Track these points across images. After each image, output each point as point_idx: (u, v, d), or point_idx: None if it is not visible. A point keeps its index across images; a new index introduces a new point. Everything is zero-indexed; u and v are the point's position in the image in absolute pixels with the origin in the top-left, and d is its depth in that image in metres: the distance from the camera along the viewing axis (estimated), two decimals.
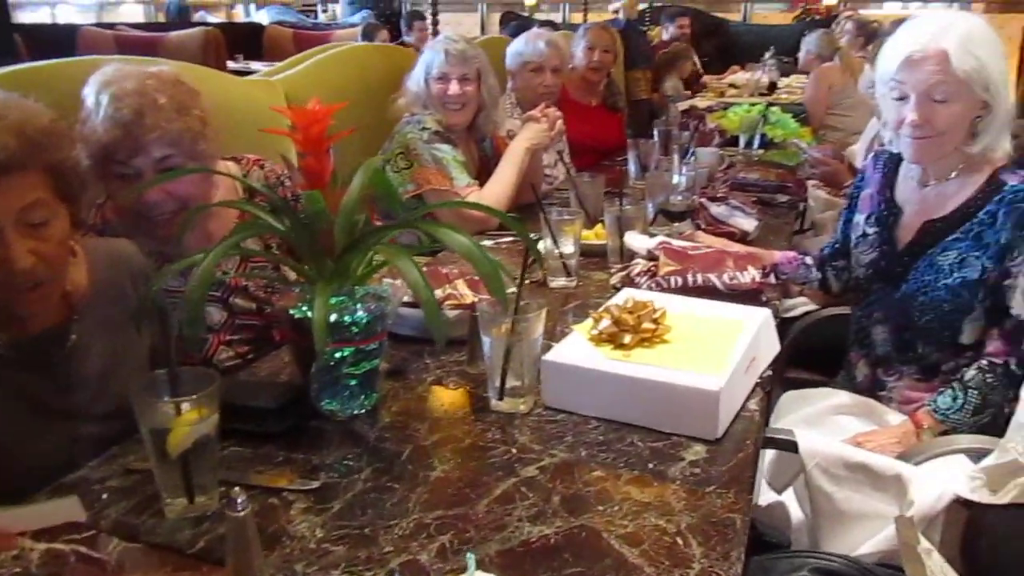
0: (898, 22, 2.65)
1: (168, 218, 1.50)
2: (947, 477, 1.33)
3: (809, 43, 4.91)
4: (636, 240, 1.76)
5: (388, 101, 2.41)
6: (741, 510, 1.01)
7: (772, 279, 1.67)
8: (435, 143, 2.27)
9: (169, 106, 1.45)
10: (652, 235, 1.89)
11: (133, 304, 1.33)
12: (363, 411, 1.25)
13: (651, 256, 1.71)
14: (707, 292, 1.62)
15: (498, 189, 2.30)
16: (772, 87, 5.43)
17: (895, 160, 1.66)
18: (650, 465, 1.11)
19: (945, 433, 1.51)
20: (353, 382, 1.23)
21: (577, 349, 1.28)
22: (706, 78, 6.19)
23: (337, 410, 1.23)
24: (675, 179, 1.92)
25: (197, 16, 9.74)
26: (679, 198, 1.93)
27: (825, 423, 1.66)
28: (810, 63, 4.88)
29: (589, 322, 1.35)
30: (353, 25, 7.94)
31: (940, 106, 1.45)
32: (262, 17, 9.78)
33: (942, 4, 9.09)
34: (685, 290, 1.62)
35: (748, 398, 1.29)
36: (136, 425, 0.98)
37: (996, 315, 1.49)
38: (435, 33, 3.61)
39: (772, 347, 1.42)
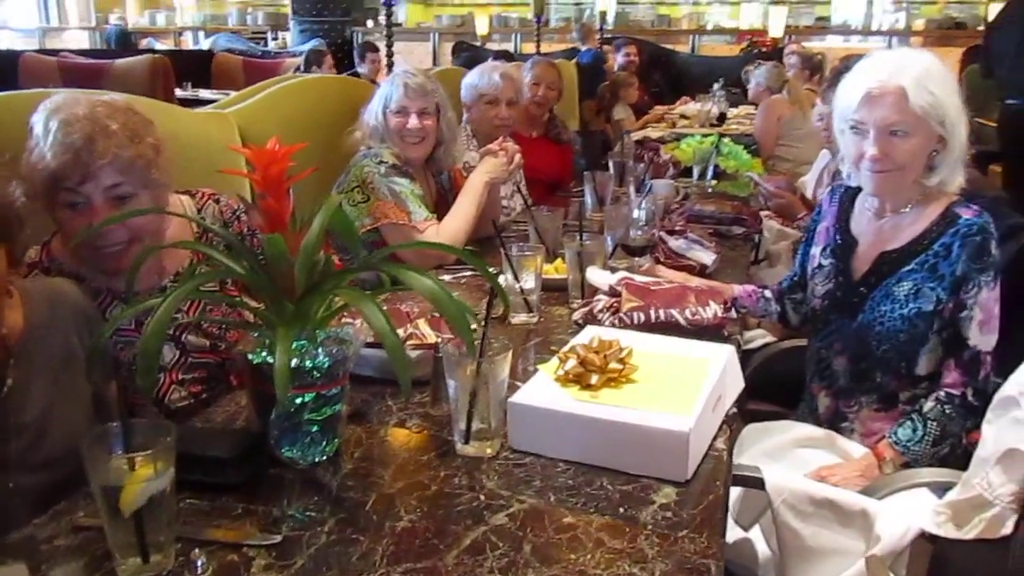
0: (848, 58, 2.73)
1: (119, 251, 1.46)
2: (912, 512, 1.34)
3: (759, 75, 5.02)
4: (598, 275, 1.76)
5: (344, 134, 2.38)
6: (715, 555, 1.00)
7: (733, 314, 1.68)
8: (392, 177, 2.25)
9: (121, 133, 1.42)
10: (613, 269, 1.89)
11: (73, 347, 1.28)
12: (324, 458, 1.21)
13: (613, 292, 1.70)
14: (669, 328, 1.62)
15: (457, 223, 2.28)
16: (722, 118, 5.53)
17: (851, 193, 1.69)
18: (621, 509, 1.09)
19: (906, 464, 1.53)
20: (314, 428, 1.19)
21: (544, 390, 1.26)
22: (657, 108, 6.28)
23: (297, 457, 1.19)
24: (635, 213, 1.93)
25: (144, 43, 9.62)
26: (639, 232, 1.93)
27: (787, 456, 1.66)
28: (760, 95, 4.99)
29: (555, 362, 1.33)
30: (303, 53, 7.90)
31: (899, 140, 1.48)
32: (211, 44, 9.68)
33: (881, 37, 9.39)
34: (648, 326, 1.62)
35: (715, 437, 1.28)
36: (81, 475, 0.93)
37: (953, 346, 1.52)
38: (390, 64, 3.61)
39: (737, 383, 1.42)
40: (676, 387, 1.26)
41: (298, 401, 1.15)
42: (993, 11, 7.42)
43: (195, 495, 1.10)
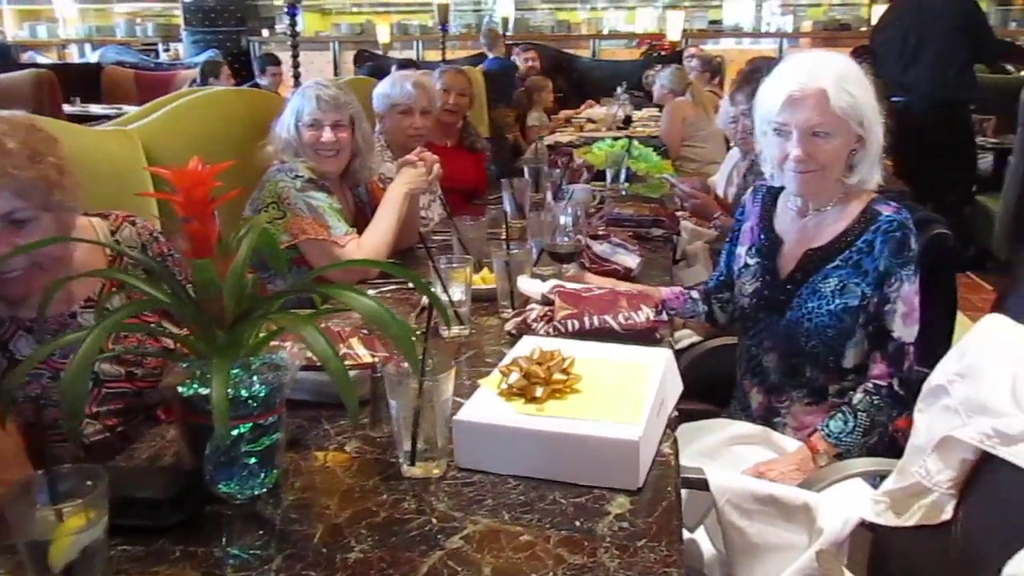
0: (755, 60, 2.80)
1: (19, 276, 1.37)
2: (850, 502, 1.37)
3: (662, 78, 5.13)
4: (529, 284, 1.75)
5: (256, 148, 2.29)
6: (676, 563, 0.99)
7: (664, 316, 1.69)
8: (309, 191, 2.18)
9: (19, 152, 1.33)
10: (539, 277, 1.89)
11: None
12: (264, 491, 1.15)
13: (546, 300, 1.69)
14: (604, 334, 1.62)
15: (378, 237, 2.23)
16: (628, 121, 5.62)
17: (773, 193, 1.73)
18: (577, 523, 1.07)
19: (839, 456, 1.57)
20: (252, 460, 1.13)
21: (488, 405, 1.24)
22: (563, 113, 6.34)
23: (235, 492, 1.13)
24: (561, 219, 1.93)
25: (26, 57, 9.12)
26: (566, 239, 1.93)
27: (723, 454, 1.68)
28: (664, 97, 5.10)
29: (496, 376, 1.31)
30: (198, 65, 7.65)
31: (821, 141, 1.52)
32: (99, 57, 9.27)
33: (771, 40, 9.74)
34: (582, 333, 1.61)
35: (660, 442, 1.28)
36: None
37: (878, 339, 1.57)
38: (296, 76, 3.51)
39: (676, 387, 1.42)
40: (620, 395, 1.26)
41: (235, 433, 1.09)
42: (876, 13, 7.81)
43: (128, 540, 1.03)
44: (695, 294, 1.89)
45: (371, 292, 2.04)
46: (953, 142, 4.13)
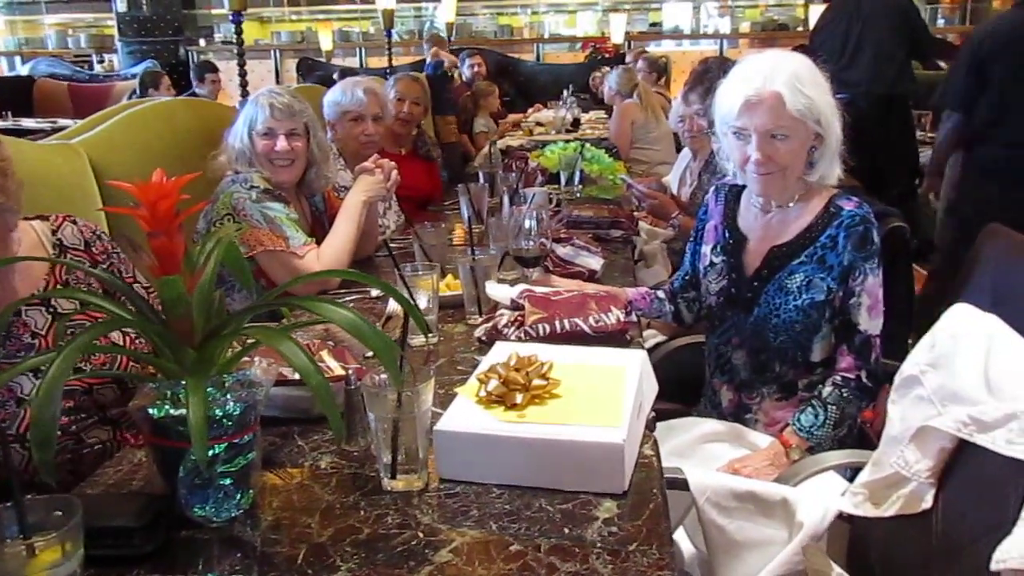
0: (707, 61, 2.83)
1: None
2: (827, 495, 1.38)
3: (610, 80, 5.16)
4: (498, 290, 1.73)
5: (208, 158, 2.23)
6: (668, 566, 0.99)
7: (634, 317, 1.69)
8: (265, 201, 2.13)
9: None
10: (504, 281, 1.87)
11: None
12: (240, 512, 1.11)
13: (516, 305, 1.68)
14: (575, 337, 1.61)
15: (338, 246, 2.20)
16: (576, 123, 5.65)
17: (736, 191, 1.75)
18: (566, 530, 1.06)
19: (810, 449, 1.59)
20: (227, 481, 1.09)
21: (468, 414, 1.22)
22: (511, 117, 6.34)
23: (211, 515, 1.08)
24: (526, 223, 1.91)
25: None
26: (530, 243, 1.92)
27: (696, 452, 1.69)
28: (612, 99, 5.13)
29: (474, 383, 1.29)
30: (136, 76, 7.47)
31: (780, 143, 1.54)
32: (30, 70, 8.98)
33: (711, 41, 9.90)
34: (553, 337, 1.60)
35: (641, 444, 1.28)
36: None
37: (844, 332, 1.60)
38: (244, 84, 3.44)
39: (652, 387, 1.42)
40: (599, 398, 1.25)
41: (210, 454, 1.05)
42: (812, 13, 7.99)
43: (101, 572, 0.98)
44: (661, 294, 1.90)
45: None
46: (894, 137, 4.24)
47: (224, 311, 1.15)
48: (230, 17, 3.36)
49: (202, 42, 9.70)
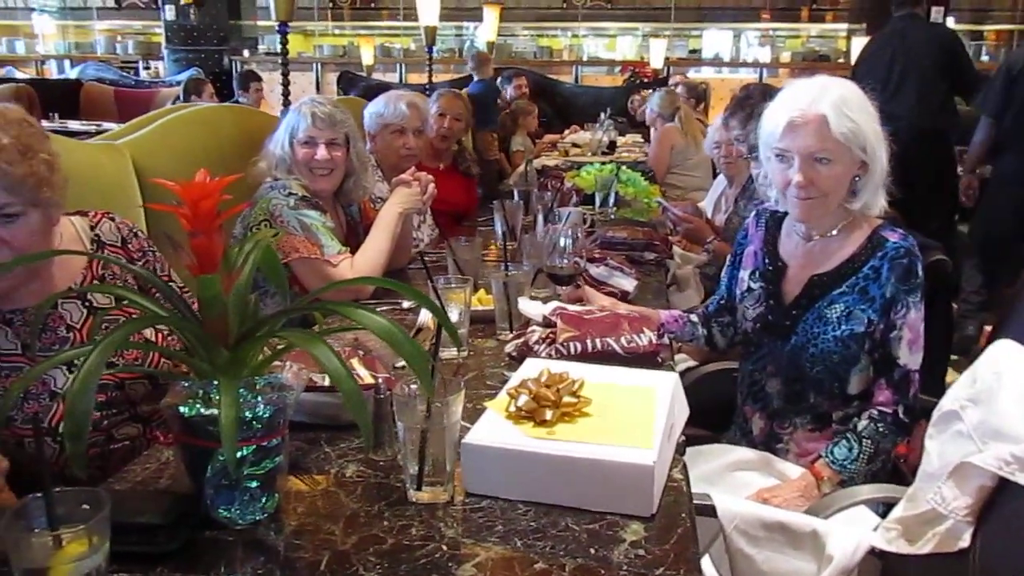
0: (748, 87, 2.82)
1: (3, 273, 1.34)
2: (859, 529, 1.35)
3: (652, 103, 5.15)
4: (530, 307, 1.72)
5: (248, 164, 2.26)
6: None
7: (666, 340, 1.67)
8: (302, 209, 2.15)
9: (12, 147, 1.31)
10: (536, 299, 1.86)
11: None
12: (264, 516, 1.11)
13: (547, 323, 1.67)
14: (606, 356, 1.60)
15: (372, 256, 2.20)
16: (612, 146, 5.65)
17: (777, 217, 1.73)
18: (592, 550, 1.04)
19: (842, 483, 1.55)
20: (253, 484, 1.09)
21: (497, 429, 1.21)
22: (548, 137, 6.36)
23: (236, 517, 1.09)
24: (561, 241, 1.91)
25: (3, 72, 9.01)
26: (565, 261, 1.91)
27: (725, 480, 1.66)
28: (653, 121, 5.12)
29: (504, 398, 1.28)
30: (181, 83, 7.61)
31: (822, 167, 1.52)
32: (78, 73, 9.18)
33: (751, 69, 9.87)
34: (584, 356, 1.59)
35: (671, 467, 1.26)
36: None
37: (883, 366, 1.56)
38: (286, 94, 3.48)
39: (683, 411, 1.40)
40: (630, 418, 1.24)
41: (238, 455, 1.05)
42: (855, 45, 7.94)
43: (124, 567, 0.98)
44: (694, 317, 1.88)
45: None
46: (936, 171, 4.18)
47: (258, 314, 1.15)
48: (276, 27, 3.41)
49: (246, 53, 9.87)
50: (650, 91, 5.73)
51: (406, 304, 2.09)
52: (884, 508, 1.50)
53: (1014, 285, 1.55)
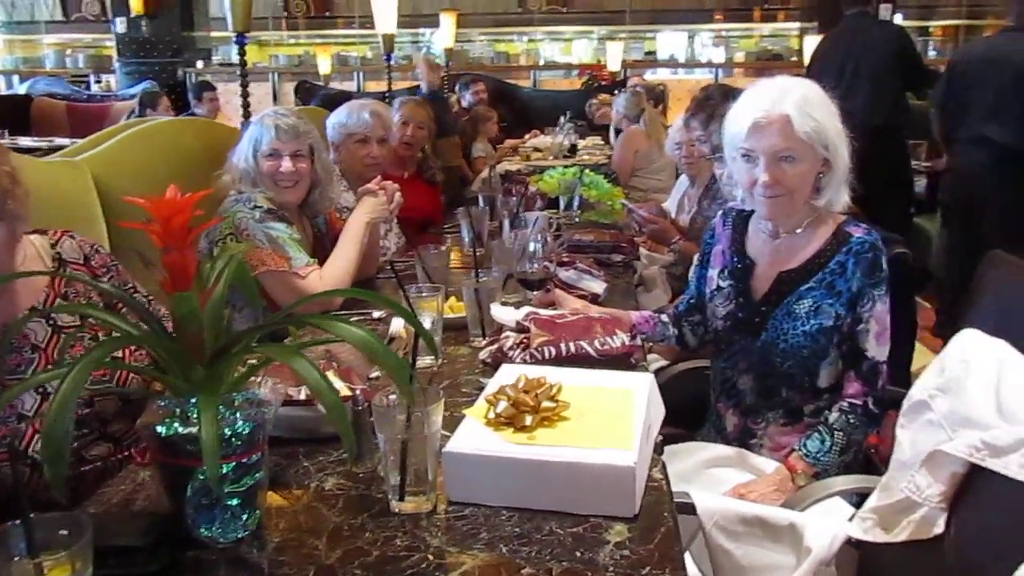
0: (708, 88, 2.86)
1: None
2: (837, 521, 1.38)
3: (619, 104, 5.15)
4: (503, 312, 1.73)
5: (212, 178, 2.23)
6: None
7: (639, 341, 1.69)
8: (268, 221, 2.13)
9: None
10: (507, 304, 1.87)
11: None
12: (246, 533, 1.10)
13: (521, 328, 1.67)
14: (580, 359, 1.60)
15: (340, 267, 2.19)
16: (573, 149, 5.66)
17: (744, 216, 1.75)
18: (577, 553, 1.05)
19: (816, 475, 1.58)
20: (234, 501, 1.08)
21: (477, 436, 1.21)
22: (508, 142, 6.37)
23: (217, 536, 1.07)
24: (531, 247, 1.92)
25: None
26: (535, 266, 1.92)
27: (701, 477, 1.68)
28: (619, 122, 5.12)
29: (482, 405, 1.28)
30: (135, 96, 7.49)
31: (787, 166, 1.55)
32: (28, 88, 8.99)
33: (707, 69, 9.99)
34: (558, 359, 1.60)
35: (650, 467, 1.27)
36: None
37: (852, 358, 1.60)
38: (246, 106, 3.45)
39: (660, 411, 1.42)
40: (609, 421, 1.25)
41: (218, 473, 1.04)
42: (807, 44, 8.08)
43: None
44: (665, 317, 1.90)
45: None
46: (890, 167, 4.27)
47: (231, 329, 1.14)
48: (234, 39, 3.38)
49: (200, 64, 9.74)
50: (612, 94, 5.76)
51: (377, 314, 2.08)
52: (858, 498, 1.53)
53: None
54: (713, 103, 2.55)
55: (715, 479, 1.66)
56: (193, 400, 1.04)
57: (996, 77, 3.58)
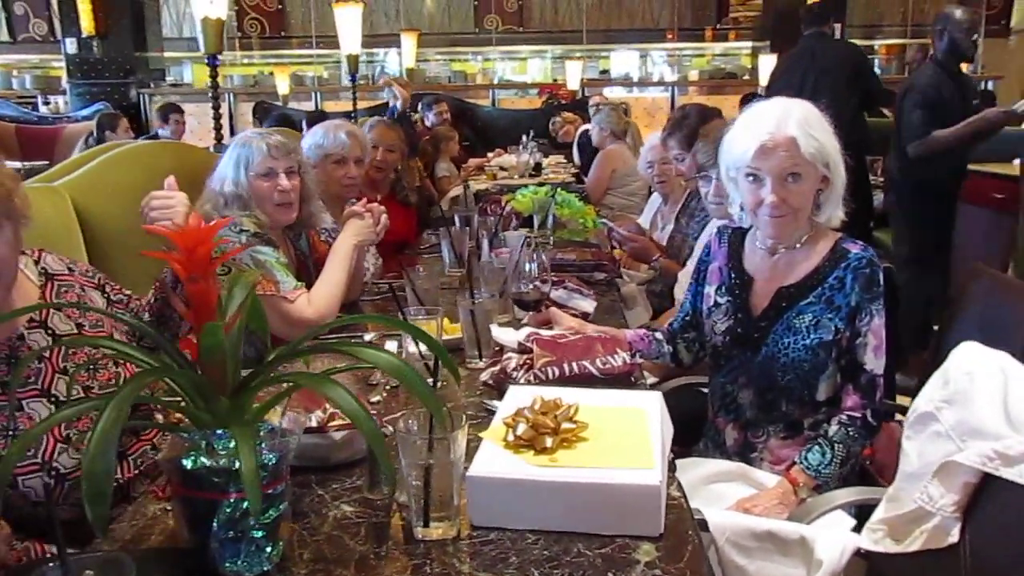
0: (685, 107, 2.90)
1: None
2: (845, 532, 1.40)
3: (600, 120, 5.07)
4: (504, 334, 1.73)
5: (195, 207, 2.19)
6: None
7: (638, 359, 1.71)
8: (255, 245, 2.10)
9: None
10: (503, 326, 1.87)
11: None
12: (271, 566, 1.08)
13: (523, 349, 1.68)
14: (583, 379, 1.61)
15: (329, 290, 2.17)
16: (538, 168, 5.71)
17: (740, 233, 1.79)
18: (609, 575, 1.05)
19: (817, 487, 1.60)
20: (259, 534, 1.06)
21: (499, 459, 1.21)
22: (472, 161, 6.39)
23: (243, 570, 1.05)
24: (526, 267, 1.92)
25: None
26: (530, 286, 1.93)
27: (702, 493, 1.69)
28: (603, 140, 5.07)
29: (500, 427, 1.28)
30: (87, 118, 7.35)
31: (793, 185, 1.59)
32: None
33: (662, 88, 10.16)
34: (562, 379, 1.61)
35: (668, 485, 1.28)
36: None
37: (850, 372, 1.63)
38: (218, 128, 3.40)
39: (669, 429, 1.42)
40: (627, 440, 1.26)
41: (245, 505, 1.02)
42: (762, 63, 8.27)
43: None
44: (659, 335, 1.92)
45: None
46: (851, 182, 4.37)
47: (249, 360, 1.13)
48: (206, 60, 3.34)
49: (152, 84, 9.60)
50: (575, 112, 5.79)
51: (368, 336, 2.06)
52: (856, 509, 1.56)
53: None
54: (691, 122, 2.60)
55: (716, 494, 1.68)
56: (219, 432, 1.02)
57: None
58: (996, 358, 1.26)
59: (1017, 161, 4.00)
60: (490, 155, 6.76)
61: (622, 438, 1.26)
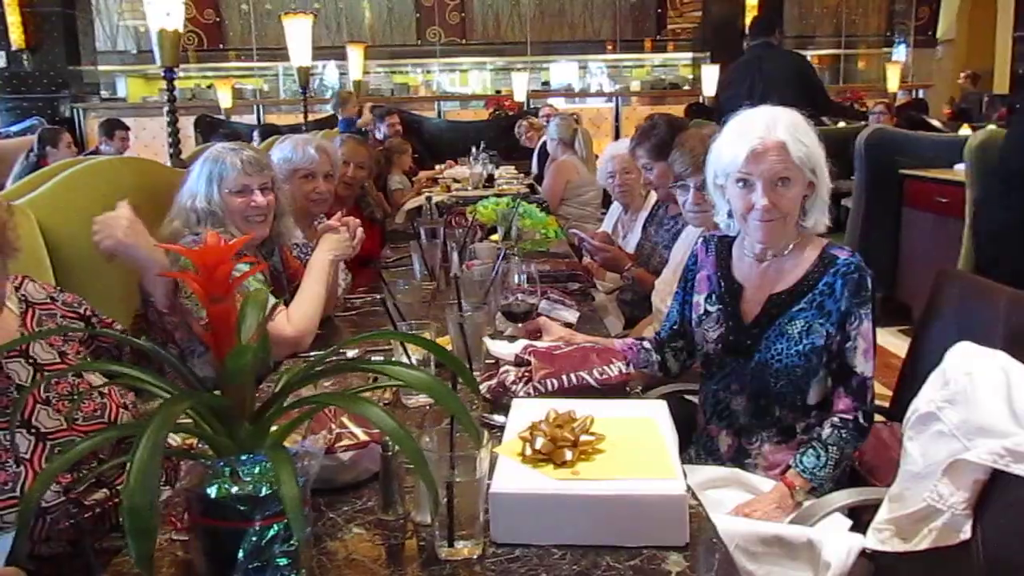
0: (652, 116, 2.93)
1: None
2: (850, 534, 1.42)
3: (552, 130, 5.13)
4: (499, 347, 1.72)
5: (163, 225, 2.13)
6: None
7: (632, 368, 1.71)
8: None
9: None
10: (495, 339, 1.86)
11: None
12: None
13: (519, 361, 1.67)
14: (582, 390, 1.61)
15: (308, 305, 2.13)
16: (491, 179, 5.70)
17: (727, 242, 1.81)
18: None
19: (813, 490, 1.63)
20: (283, 561, 1.03)
21: (519, 474, 1.20)
22: (423, 173, 6.36)
23: None
24: (516, 278, 1.92)
25: None
26: (520, 298, 1.92)
27: (698, 499, 1.70)
28: (555, 148, 5.11)
29: (514, 442, 1.27)
30: (20, 133, 7.10)
31: (783, 189, 1.62)
32: None
33: (605, 98, 10.28)
34: (562, 391, 1.60)
35: None
36: None
37: (841, 375, 1.66)
38: (175, 143, 3.32)
39: (675, 438, 1.43)
40: (644, 450, 1.26)
41: (270, 533, 0.99)
42: (705, 74, 8.44)
43: None
44: (647, 344, 1.93)
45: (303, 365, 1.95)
46: None
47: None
48: (163, 73, 3.25)
49: (95, 99, 9.34)
50: (538, 118, 5.79)
51: (351, 354, 2.03)
52: (849, 510, 1.58)
53: None
54: (659, 132, 2.63)
55: (713, 501, 1.68)
56: (243, 458, 0.99)
57: None
58: (995, 358, 1.30)
59: (959, 166, 4.14)
60: (439, 167, 6.74)
61: (639, 448, 1.26)
